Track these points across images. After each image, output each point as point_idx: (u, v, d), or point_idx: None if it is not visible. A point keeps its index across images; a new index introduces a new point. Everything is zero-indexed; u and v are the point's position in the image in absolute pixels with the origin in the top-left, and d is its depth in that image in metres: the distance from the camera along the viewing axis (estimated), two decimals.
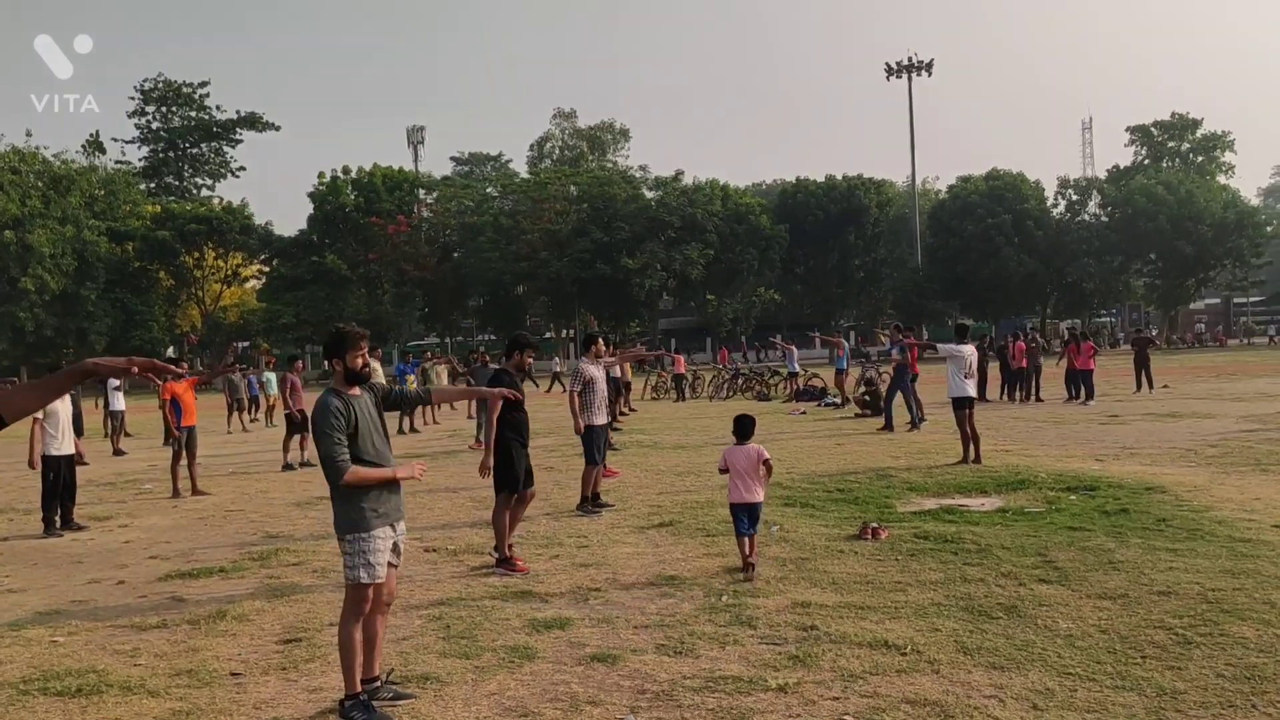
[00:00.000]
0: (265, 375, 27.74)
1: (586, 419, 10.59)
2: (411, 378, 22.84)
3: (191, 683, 5.56)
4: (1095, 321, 72.96)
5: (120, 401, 22.13)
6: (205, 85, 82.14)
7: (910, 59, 78.22)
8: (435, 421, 24.90)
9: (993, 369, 24.87)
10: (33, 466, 10.81)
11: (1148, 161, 78.84)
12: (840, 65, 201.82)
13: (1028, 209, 67.95)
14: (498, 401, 8.00)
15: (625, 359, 19.31)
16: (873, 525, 8.70)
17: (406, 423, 22.56)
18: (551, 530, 9.65)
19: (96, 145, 73.88)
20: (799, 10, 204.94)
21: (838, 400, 25.60)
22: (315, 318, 65.49)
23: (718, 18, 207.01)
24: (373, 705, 4.88)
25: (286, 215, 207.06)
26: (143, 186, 78.85)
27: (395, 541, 5.09)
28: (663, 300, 76.36)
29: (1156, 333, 63.63)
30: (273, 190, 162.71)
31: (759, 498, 7.59)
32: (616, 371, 19.24)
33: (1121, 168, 78.93)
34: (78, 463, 12.06)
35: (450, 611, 6.79)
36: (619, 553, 8.55)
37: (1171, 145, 79.59)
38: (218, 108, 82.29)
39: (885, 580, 7.15)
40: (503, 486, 8.17)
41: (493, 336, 77.22)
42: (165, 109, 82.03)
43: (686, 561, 8.08)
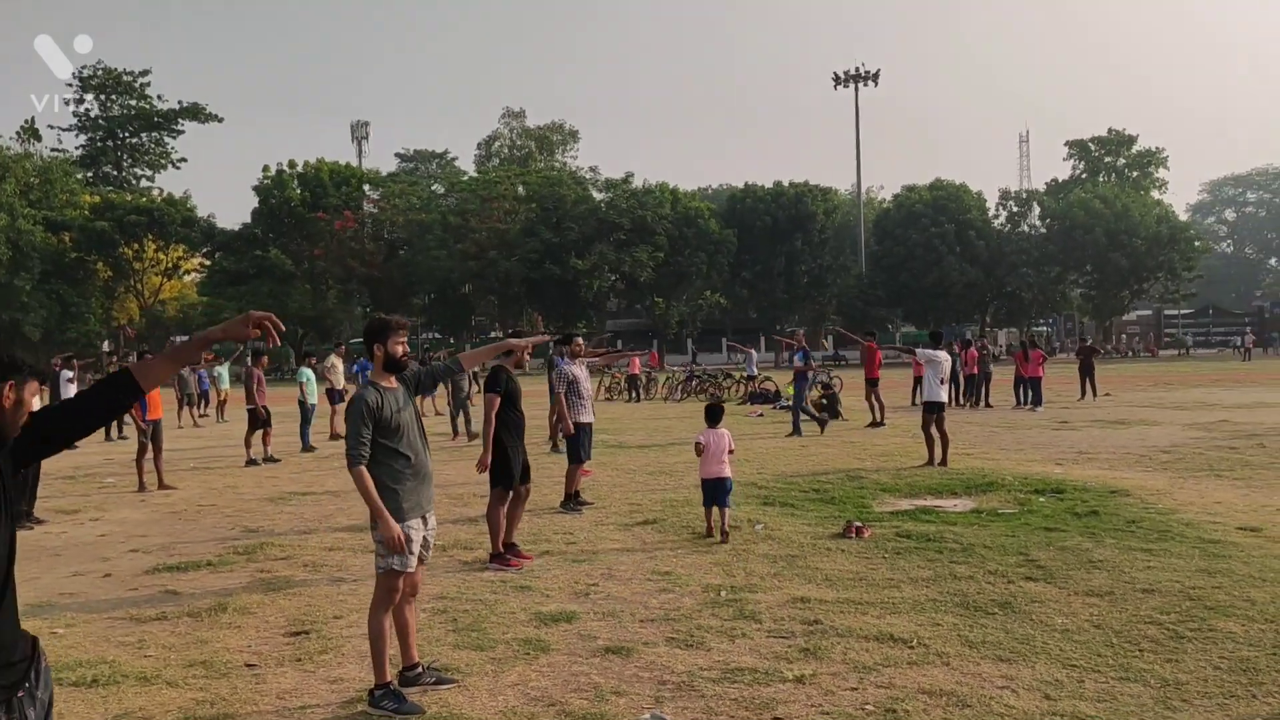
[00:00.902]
0: (215, 370, 27.32)
1: (574, 418, 10.67)
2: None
3: (208, 674, 5.56)
4: (1033, 330, 74.41)
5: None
6: (146, 74, 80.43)
7: (858, 69, 79.32)
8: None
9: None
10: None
11: (1085, 175, 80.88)
12: (788, 73, 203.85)
13: (970, 219, 69.29)
14: (494, 398, 8.07)
15: (610, 359, 19.54)
16: (856, 524, 8.90)
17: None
18: (536, 527, 9.70)
19: (32, 132, 72.00)
20: (748, 17, 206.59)
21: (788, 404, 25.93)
22: None
23: (668, 22, 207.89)
24: (403, 694, 4.93)
25: (224, 208, 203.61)
26: (80, 176, 76.97)
27: (425, 535, 5.15)
28: (610, 302, 76.44)
29: (1083, 343, 65.31)
30: (213, 182, 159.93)
31: (728, 474, 8.97)
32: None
33: (1060, 181, 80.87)
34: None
35: (454, 605, 6.83)
36: (608, 549, 8.65)
37: (1108, 160, 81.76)
38: (159, 97, 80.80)
39: (878, 577, 7.34)
40: (498, 482, 8.22)
41: (438, 335, 76.74)
42: (105, 97, 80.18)
43: (677, 558, 8.21)
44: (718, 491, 8.87)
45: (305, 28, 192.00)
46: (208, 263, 72.27)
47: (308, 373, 19.04)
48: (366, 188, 74.05)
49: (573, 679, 5.36)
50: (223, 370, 27.61)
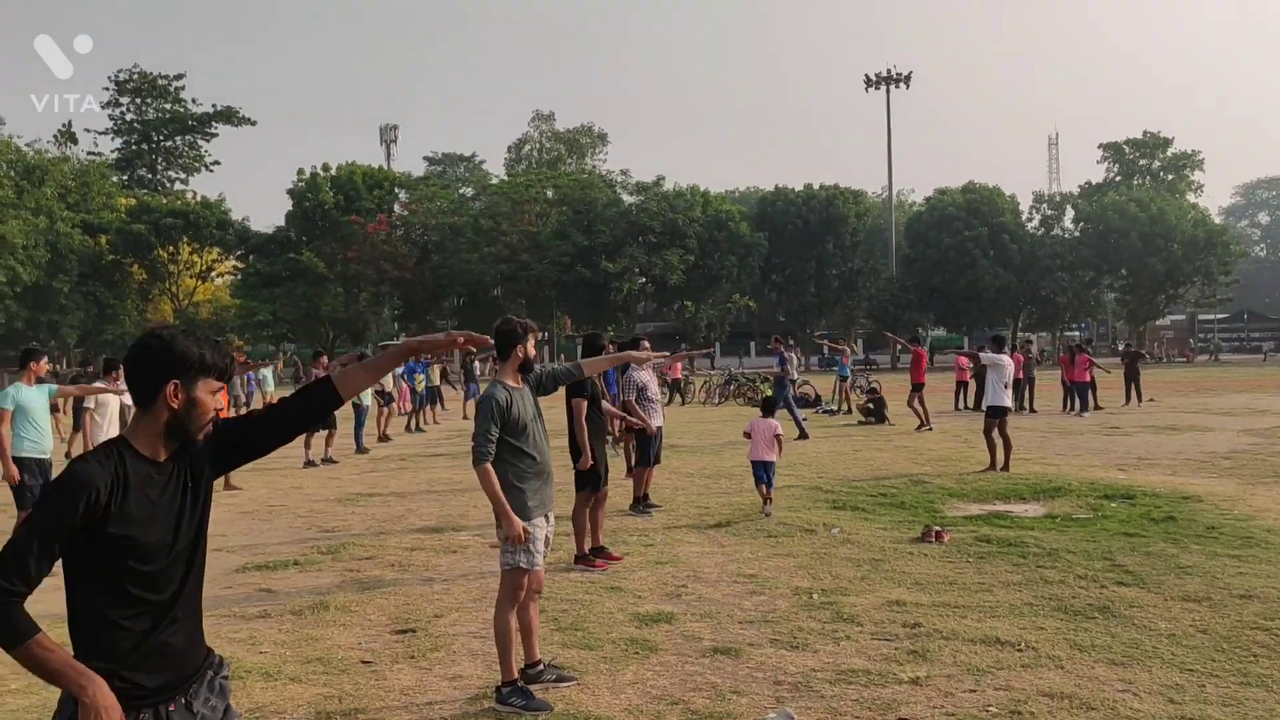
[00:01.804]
0: (261, 373, 27.57)
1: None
2: (421, 376, 22.83)
3: (327, 670, 5.66)
4: (1066, 335, 73.92)
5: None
6: (181, 78, 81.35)
7: (889, 71, 79.04)
8: (436, 421, 24.81)
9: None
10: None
11: (1119, 178, 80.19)
12: (819, 75, 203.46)
13: (1003, 222, 68.83)
14: (583, 403, 8.16)
15: (676, 360, 19.77)
16: (935, 529, 8.92)
17: (413, 422, 22.58)
18: (610, 529, 9.73)
19: (69, 136, 73.02)
20: (778, 20, 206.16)
21: (834, 408, 25.94)
22: (291, 315, 65.08)
23: (697, 24, 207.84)
24: (530, 691, 5.01)
25: (252, 210, 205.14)
26: (115, 179, 77.87)
27: (547, 533, 5.23)
28: (640, 305, 76.52)
29: (1128, 347, 64.81)
30: (242, 185, 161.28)
31: (773, 458, 10.40)
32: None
33: (1094, 184, 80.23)
34: None
35: (551, 605, 6.90)
36: (688, 552, 8.72)
37: (1143, 163, 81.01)
38: (193, 101, 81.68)
39: (967, 581, 7.37)
40: (585, 484, 8.30)
41: None
42: (140, 100, 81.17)
43: (759, 561, 8.25)
44: (764, 471, 10.39)
45: (333, 31, 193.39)
46: (241, 265, 72.93)
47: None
48: (400, 191, 74.46)
49: (688, 678, 5.43)
50: (267, 373, 27.85)
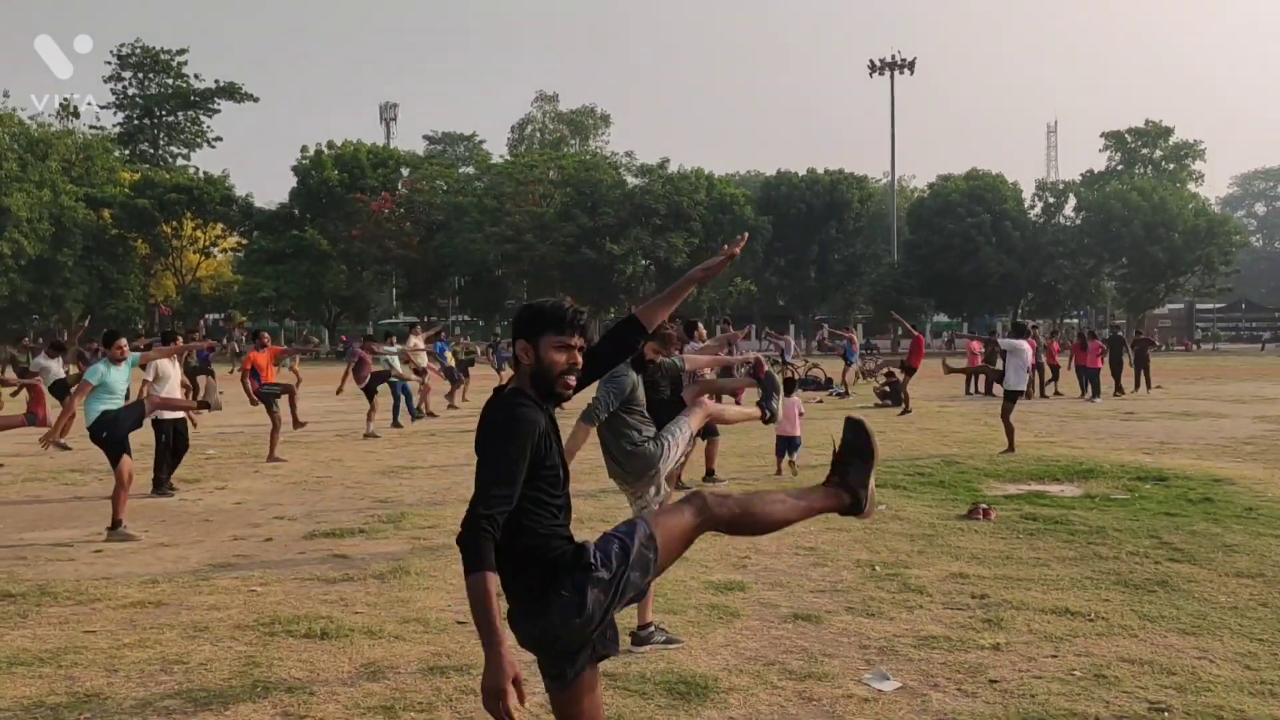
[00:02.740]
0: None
1: None
2: (450, 354, 22.96)
3: (427, 630, 5.86)
4: (1066, 322, 74.22)
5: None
6: (184, 53, 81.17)
7: (894, 57, 79.20)
8: (465, 399, 24.05)
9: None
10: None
11: (1121, 167, 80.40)
12: (824, 60, 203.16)
13: (1006, 209, 69.17)
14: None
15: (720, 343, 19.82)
16: (983, 506, 9.15)
17: (454, 397, 22.54)
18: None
19: (71, 110, 72.76)
20: (785, 5, 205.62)
21: (843, 390, 26.26)
22: (294, 292, 65.14)
23: (701, 6, 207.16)
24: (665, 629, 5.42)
25: (257, 188, 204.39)
26: (117, 154, 77.67)
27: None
28: (643, 286, 76.60)
29: (1127, 335, 65.24)
30: (245, 162, 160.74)
31: (797, 433, 12.04)
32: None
33: (1095, 172, 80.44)
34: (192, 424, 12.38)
35: None
36: None
37: (1145, 152, 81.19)
38: (196, 76, 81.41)
39: (1023, 555, 7.60)
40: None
41: (468, 318, 77.15)
42: (142, 75, 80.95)
43: (814, 535, 8.44)
44: (788, 445, 12.02)
45: (333, 7, 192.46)
46: (244, 241, 72.88)
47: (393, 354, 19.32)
48: (404, 170, 74.34)
49: (777, 641, 5.65)
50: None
